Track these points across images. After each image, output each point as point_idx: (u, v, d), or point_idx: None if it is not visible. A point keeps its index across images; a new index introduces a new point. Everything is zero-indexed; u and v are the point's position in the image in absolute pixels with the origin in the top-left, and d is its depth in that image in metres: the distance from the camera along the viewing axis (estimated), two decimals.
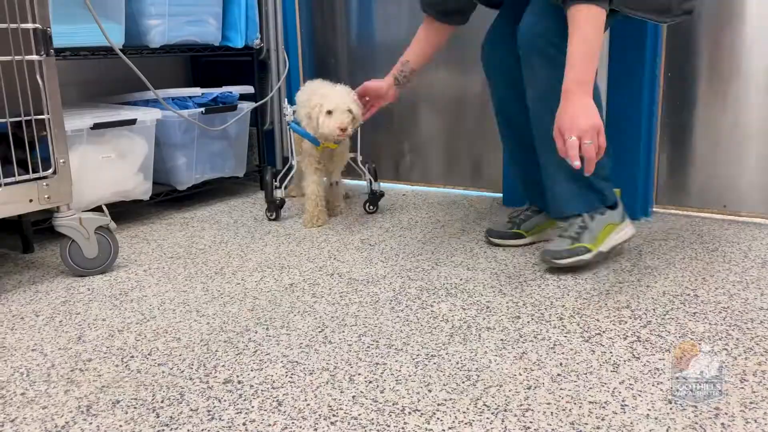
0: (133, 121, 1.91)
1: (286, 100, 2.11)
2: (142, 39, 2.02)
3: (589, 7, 1.27)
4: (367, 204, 2.08)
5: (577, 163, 1.26)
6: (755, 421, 0.90)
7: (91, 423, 0.95)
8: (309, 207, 1.94)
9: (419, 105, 2.39)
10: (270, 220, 1.99)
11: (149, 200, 2.05)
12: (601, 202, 1.49)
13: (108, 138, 1.87)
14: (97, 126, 1.82)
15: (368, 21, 2.45)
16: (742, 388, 0.98)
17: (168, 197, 2.15)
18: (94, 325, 1.30)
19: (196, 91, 2.16)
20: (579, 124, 1.26)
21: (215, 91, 2.19)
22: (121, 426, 0.94)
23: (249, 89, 2.32)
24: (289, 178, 2.05)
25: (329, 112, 1.78)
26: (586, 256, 1.45)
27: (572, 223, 1.49)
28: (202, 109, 2.12)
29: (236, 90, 2.26)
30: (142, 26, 2.01)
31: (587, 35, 1.28)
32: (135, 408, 0.99)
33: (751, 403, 0.94)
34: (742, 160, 1.83)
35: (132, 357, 1.16)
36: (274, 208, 1.99)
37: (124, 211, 2.09)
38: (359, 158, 2.05)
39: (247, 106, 2.29)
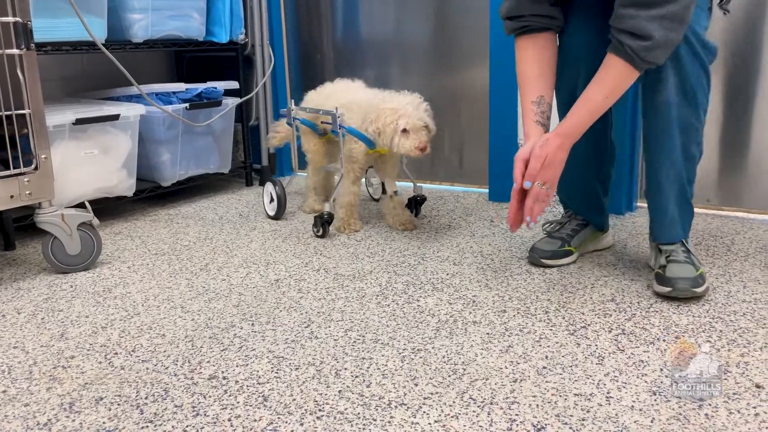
0: (116, 117, 1.89)
1: (292, 101, 1.99)
2: (124, 33, 2.00)
3: (628, 67, 1.18)
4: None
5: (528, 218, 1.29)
6: (738, 411, 0.91)
7: (73, 420, 0.94)
8: (342, 214, 1.80)
9: None
10: (317, 236, 1.77)
11: (133, 197, 2.03)
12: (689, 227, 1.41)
13: (91, 134, 1.85)
14: (79, 121, 1.80)
15: (354, 16, 2.44)
16: (726, 379, 0.99)
17: (152, 194, 2.13)
18: (77, 322, 1.28)
19: (180, 86, 2.15)
20: (555, 176, 1.26)
21: (199, 87, 2.18)
22: (104, 423, 0.93)
23: (234, 85, 2.31)
24: (335, 191, 1.84)
25: (405, 131, 1.61)
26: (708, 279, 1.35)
27: (677, 248, 1.35)
28: (187, 104, 2.10)
29: (221, 85, 2.24)
30: (124, 20, 1.98)
31: (611, 92, 1.21)
32: (118, 405, 0.98)
33: (734, 394, 0.95)
34: (725, 155, 1.84)
35: (116, 354, 1.14)
36: (322, 223, 1.76)
37: (108, 208, 2.07)
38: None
39: (232, 102, 2.27)
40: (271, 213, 1.99)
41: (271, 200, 1.98)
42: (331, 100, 1.82)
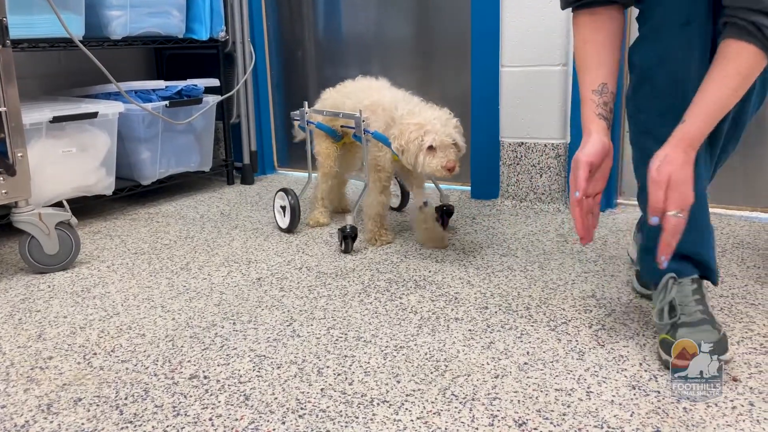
0: (94, 115, 1.87)
1: (306, 103, 1.81)
2: (103, 30, 1.97)
3: (760, 54, 0.95)
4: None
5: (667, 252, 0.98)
6: (716, 405, 0.92)
7: (51, 422, 0.93)
8: (371, 226, 1.66)
9: None
10: (343, 252, 1.61)
11: (112, 195, 2.01)
12: None
13: (69, 132, 1.83)
14: (56, 119, 1.77)
15: (335, 12, 2.43)
16: None
17: (132, 192, 2.11)
18: (54, 322, 1.27)
19: (160, 83, 2.13)
20: (688, 197, 0.97)
21: (180, 84, 2.16)
22: (83, 424, 0.92)
23: (214, 82, 2.29)
24: (357, 203, 1.68)
25: (431, 148, 1.44)
26: None
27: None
28: (166, 102, 2.08)
29: (201, 83, 2.23)
30: (103, 17, 1.96)
31: (740, 84, 0.97)
32: (97, 405, 0.97)
33: None
34: None
35: (95, 354, 1.13)
36: (344, 237, 1.60)
37: (86, 207, 2.04)
38: None
39: (212, 100, 2.26)
40: (284, 225, 1.80)
41: (284, 211, 1.80)
42: (351, 99, 1.67)
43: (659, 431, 0.86)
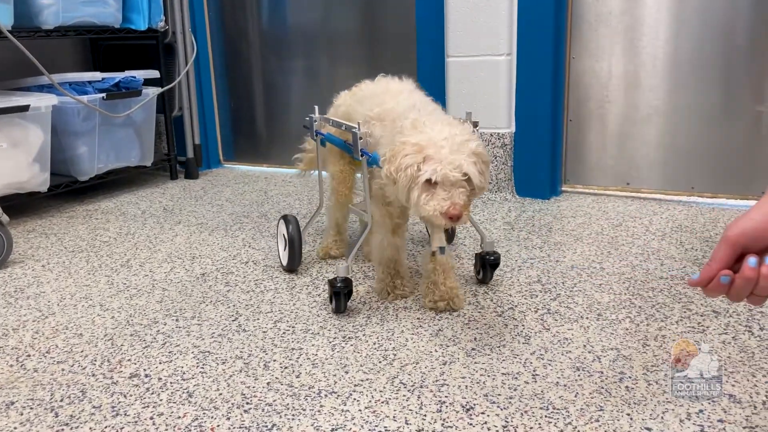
0: (25, 108, 1.78)
1: (316, 108, 1.42)
2: (34, 20, 1.88)
3: None
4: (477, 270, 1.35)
5: None
6: (656, 382, 0.94)
7: None
8: (381, 274, 1.27)
9: None
10: (336, 313, 1.21)
11: (47, 192, 1.92)
12: None
13: None
14: None
15: (281, 2, 2.39)
16: (644, 352, 1.03)
17: (68, 189, 2.03)
18: None
19: (96, 75, 2.05)
20: None
21: (117, 76, 2.08)
22: (15, 428, 0.88)
23: (154, 74, 2.22)
24: (356, 247, 1.29)
25: (430, 182, 1.01)
26: None
27: None
28: (103, 94, 2.01)
29: (140, 74, 2.16)
30: (33, 6, 1.87)
31: None
32: (31, 408, 0.92)
33: (652, 366, 0.99)
34: (642, 140, 1.92)
35: (28, 356, 1.08)
36: (334, 292, 1.19)
37: (20, 204, 1.95)
38: None
39: (152, 92, 2.19)
40: (283, 261, 1.42)
41: (285, 243, 1.42)
42: (363, 106, 1.28)
43: (603, 410, 0.88)
